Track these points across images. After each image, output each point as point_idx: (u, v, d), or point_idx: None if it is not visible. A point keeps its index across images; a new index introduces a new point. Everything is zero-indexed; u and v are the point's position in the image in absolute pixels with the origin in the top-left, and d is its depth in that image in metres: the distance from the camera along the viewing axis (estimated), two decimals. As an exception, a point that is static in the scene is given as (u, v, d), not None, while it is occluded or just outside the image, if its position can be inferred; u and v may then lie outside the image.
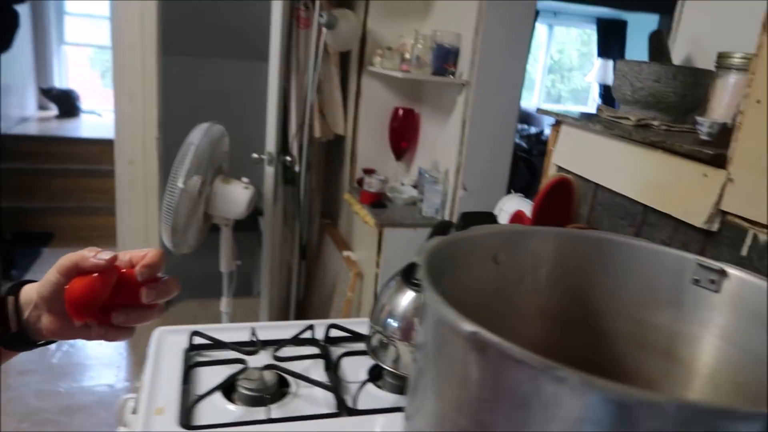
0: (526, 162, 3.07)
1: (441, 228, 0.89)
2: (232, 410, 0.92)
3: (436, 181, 2.13)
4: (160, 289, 0.63)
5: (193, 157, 1.65)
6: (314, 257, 2.90)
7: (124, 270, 0.62)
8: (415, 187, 2.40)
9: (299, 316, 2.92)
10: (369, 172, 2.47)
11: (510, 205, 1.14)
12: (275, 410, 0.92)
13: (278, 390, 0.97)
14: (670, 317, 0.68)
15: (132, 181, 2.54)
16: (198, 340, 1.06)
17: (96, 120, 5.33)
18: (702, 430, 0.35)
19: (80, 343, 2.86)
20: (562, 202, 0.92)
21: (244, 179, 1.90)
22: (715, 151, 0.87)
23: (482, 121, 2.01)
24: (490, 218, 0.89)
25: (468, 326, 0.40)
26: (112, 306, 0.62)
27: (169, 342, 1.08)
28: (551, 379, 0.37)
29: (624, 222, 1.03)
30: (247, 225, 2.31)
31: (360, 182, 2.43)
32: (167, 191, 1.65)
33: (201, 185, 1.71)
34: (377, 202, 2.28)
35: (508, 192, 2.17)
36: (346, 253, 2.48)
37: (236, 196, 1.85)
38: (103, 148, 3.88)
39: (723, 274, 0.63)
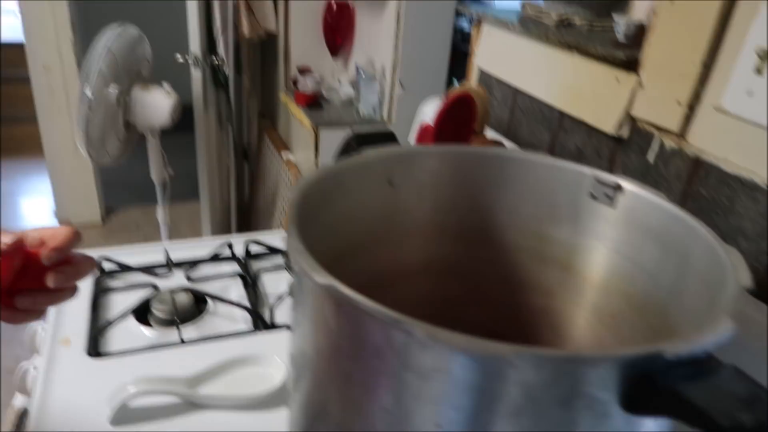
0: (468, 56, 2.99)
1: (349, 145, 0.86)
2: (147, 335, 0.90)
3: (372, 79, 2.05)
4: (69, 272, 0.58)
5: (101, 62, 1.53)
6: (256, 160, 2.84)
7: (33, 251, 0.56)
8: (353, 86, 2.32)
9: (244, 219, 2.91)
10: (304, 71, 2.37)
11: (430, 109, 1.10)
12: (190, 332, 0.91)
13: (196, 311, 0.96)
14: (568, 231, 0.68)
15: (51, 89, 2.39)
16: (109, 266, 1.03)
17: (12, 21, 4.89)
18: (551, 376, 0.35)
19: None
20: (464, 115, 0.89)
21: (166, 85, 1.79)
22: (628, 54, 0.84)
23: (418, 15, 1.92)
24: (388, 138, 0.85)
25: (322, 279, 0.38)
26: (18, 290, 0.57)
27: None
28: (401, 333, 0.36)
29: (542, 127, 1.01)
30: (190, 126, 2.20)
31: (295, 82, 2.33)
32: (79, 101, 1.55)
33: (117, 93, 1.61)
34: (313, 102, 2.20)
35: (448, 88, 2.12)
36: (285, 154, 2.43)
37: (158, 103, 1.75)
38: (21, 52, 3.59)
39: (618, 188, 0.63)
